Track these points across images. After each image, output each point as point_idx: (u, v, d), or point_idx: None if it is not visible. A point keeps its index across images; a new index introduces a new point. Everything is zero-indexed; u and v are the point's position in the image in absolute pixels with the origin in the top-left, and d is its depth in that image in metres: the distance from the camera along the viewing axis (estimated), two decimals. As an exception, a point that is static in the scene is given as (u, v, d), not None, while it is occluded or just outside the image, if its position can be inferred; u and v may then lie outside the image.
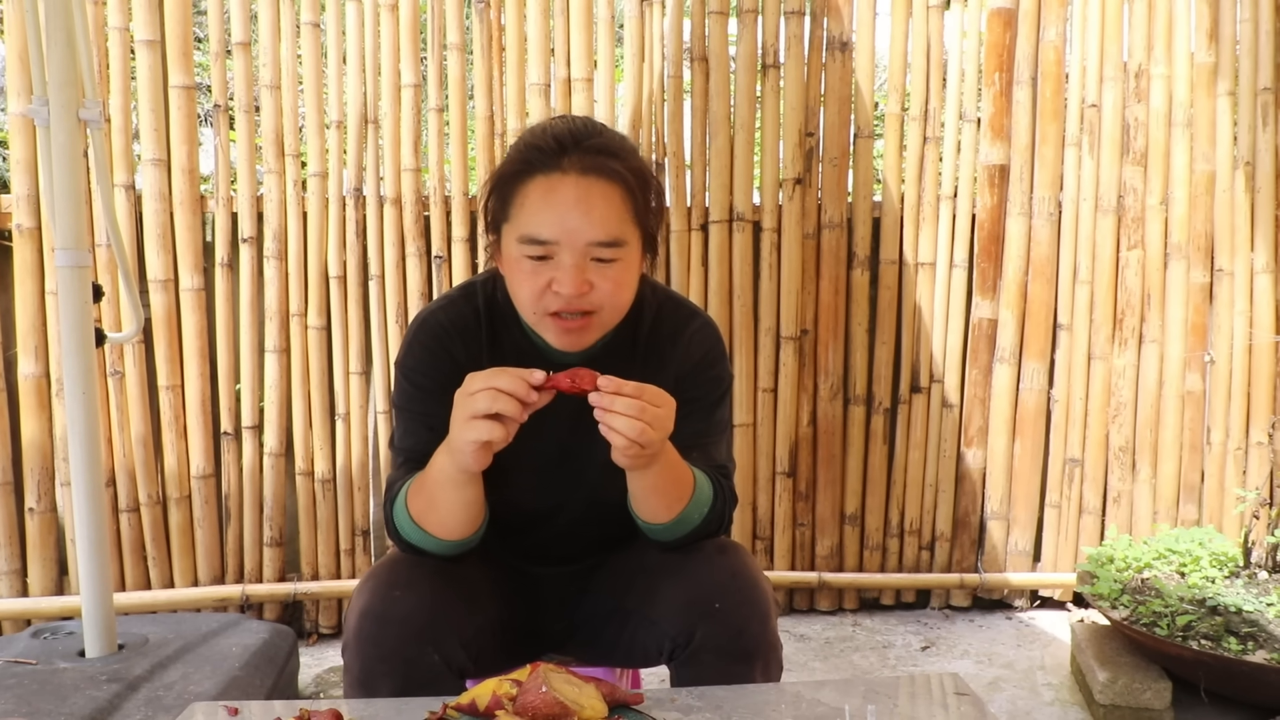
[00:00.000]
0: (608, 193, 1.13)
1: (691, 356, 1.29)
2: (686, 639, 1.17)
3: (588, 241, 1.12)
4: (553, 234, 1.12)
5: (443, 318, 1.28)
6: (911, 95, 2.63)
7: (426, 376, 1.25)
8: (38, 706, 1.64)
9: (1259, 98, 2.58)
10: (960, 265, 2.67)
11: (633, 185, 1.16)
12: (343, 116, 2.51)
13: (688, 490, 1.18)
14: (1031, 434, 2.69)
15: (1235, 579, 2.18)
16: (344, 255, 2.53)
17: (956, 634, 2.60)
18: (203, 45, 3.28)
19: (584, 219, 1.11)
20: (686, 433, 1.24)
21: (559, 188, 1.12)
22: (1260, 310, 2.61)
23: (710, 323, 1.34)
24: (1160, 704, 1.99)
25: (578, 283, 1.12)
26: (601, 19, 2.55)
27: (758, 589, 1.20)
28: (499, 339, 1.29)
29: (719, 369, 1.32)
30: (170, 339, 2.48)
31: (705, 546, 1.23)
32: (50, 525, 2.44)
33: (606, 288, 1.15)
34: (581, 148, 1.14)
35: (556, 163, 1.13)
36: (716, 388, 1.31)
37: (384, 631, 1.14)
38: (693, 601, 1.17)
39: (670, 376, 1.26)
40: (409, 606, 1.16)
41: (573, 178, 1.12)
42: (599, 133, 1.17)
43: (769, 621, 1.19)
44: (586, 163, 1.13)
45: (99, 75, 2.36)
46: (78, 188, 1.78)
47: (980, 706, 1.06)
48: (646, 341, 1.30)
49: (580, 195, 1.12)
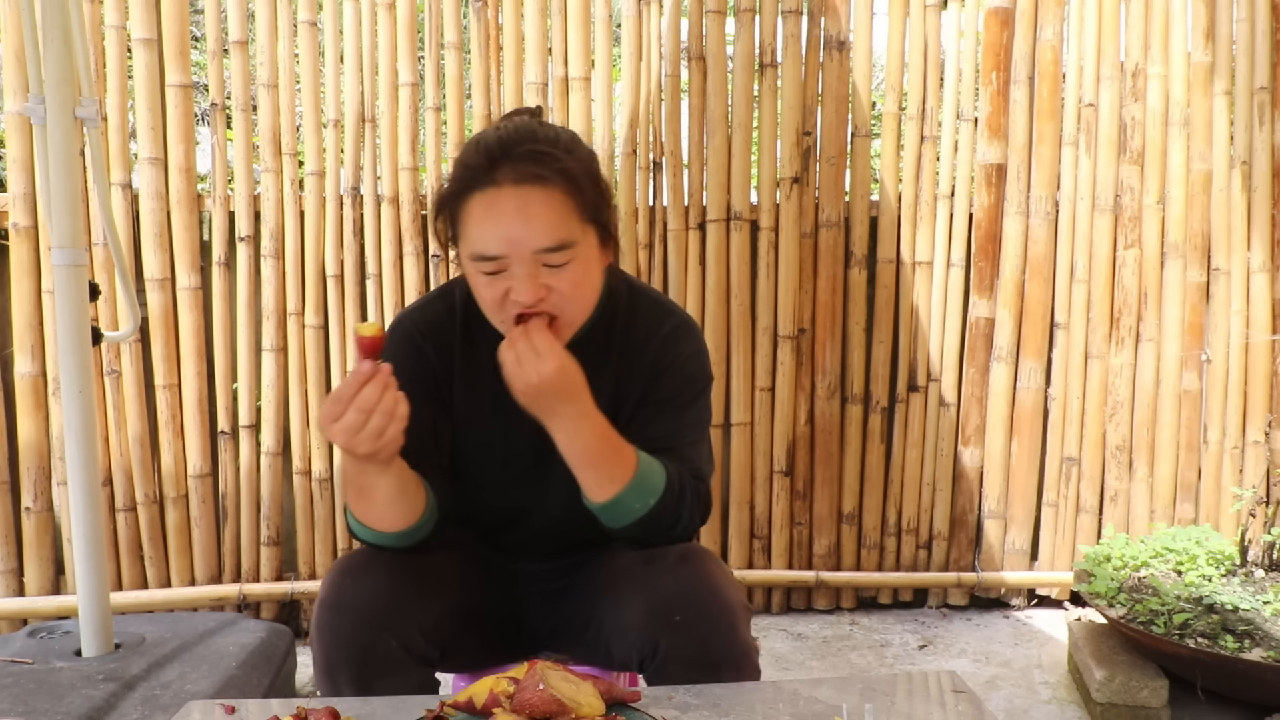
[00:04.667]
0: (546, 198, 1.12)
1: (665, 355, 1.28)
2: (652, 650, 1.16)
3: (534, 250, 1.12)
4: (498, 249, 1.12)
5: (416, 318, 1.31)
6: (909, 94, 2.64)
7: (399, 375, 1.27)
8: (34, 706, 1.64)
9: (1255, 97, 2.58)
10: (957, 264, 2.68)
11: (573, 183, 1.15)
12: (340, 115, 2.50)
13: (627, 472, 1.17)
14: (1029, 433, 2.70)
15: (1232, 577, 2.19)
16: (341, 254, 2.52)
17: (954, 633, 2.60)
18: (200, 44, 3.28)
19: (525, 229, 1.11)
20: (657, 433, 1.24)
21: (497, 202, 1.12)
22: (1257, 309, 2.62)
23: (687, 322, 1.33)
24: (1157, 702, 1.99)
25: (532, 290, 1.13)
26: (599, 18, 2.55)
27: (720, 599, 1.17)
28: (472, 336, 1.30)
29: (693, 368, 1.30)
30: (167, 338, 2.47)
31: (668, 555, 1.21)
32: (47, 524, 2.44)
33: (564, 289, 1.15)
34: (511, 157, 1.13)
35: (491, 177, 1.13)
36: (690, 387, 1.29)
37: (340, 620, 1.15)
38: (655, 614, 1.16)
39: (643, 375, 1.26)
40: (363, 594, 1.16)
41: (508, 190, 1.12)
42: (529, 138, 1.15)
43: (735, 630, 1.17)
44: (520, 171, 1.12)
45: (96, 74, 2.35)
46: (74, 186, 1.78)
47: (977, 704, 1.06)
48: (620, 339, 1.29)
49: (518, 206, 1.12)
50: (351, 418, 1.03)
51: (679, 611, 1.15)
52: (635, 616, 1.18)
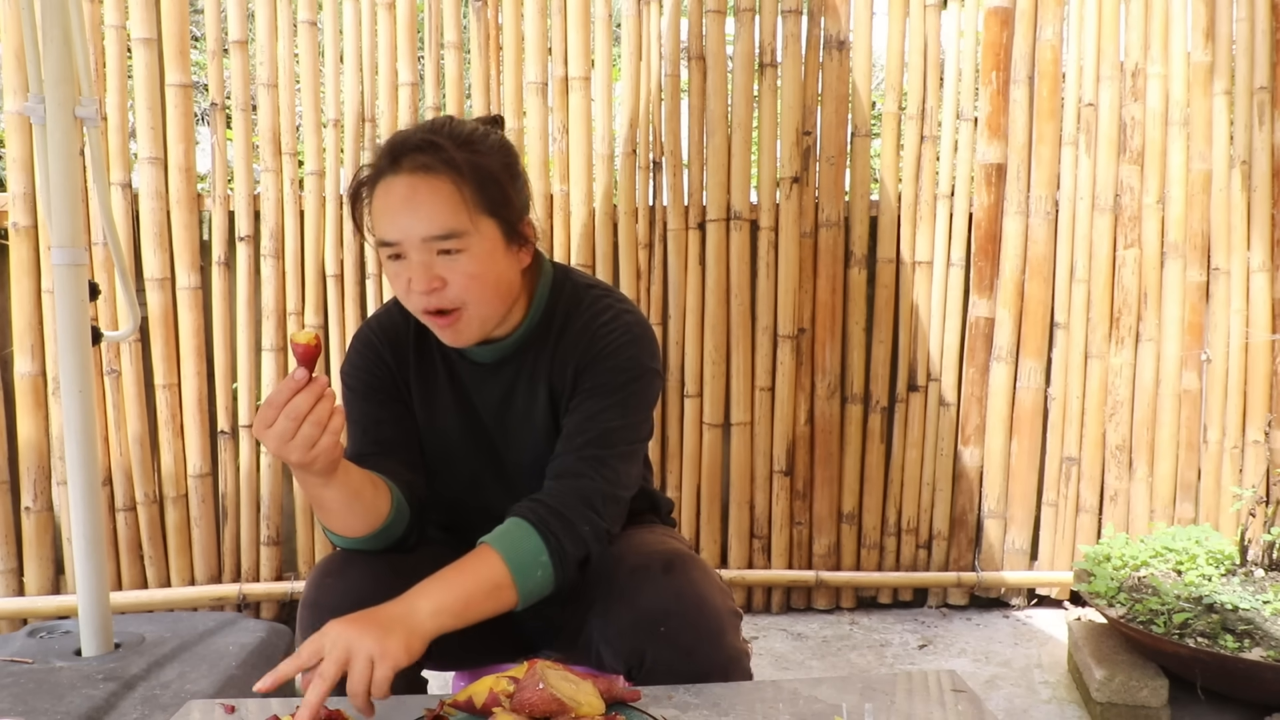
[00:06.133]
0: (435, 186, 1.15)
1: (596, 343, 1.25)
2: (639, 660, 1.15)
3: (422, 237, 1.15)
4: (392, 234, 1.16)
5: (375, 324, 1.34)
6: (909, 94, 2.64)
7: (358, 380, 1.31)
8: (34, 705, 1.64)
9: (1255, 97, 2.58)
10: (957, 264, 2.68)
11: (460, 175, 1.16)
12: (340, 115, 2.50)
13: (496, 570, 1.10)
14: (1028, 432, 2.70)
15: (1232, 577, 2.19)
16: (341, 254, 2.52)
17: (954, 632, 2.60)
18: (200, 43, 3.28)
19: (413, 216, 1.15)
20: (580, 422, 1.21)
21: (392, 189, 1.16)
22: (1256, 309, 2.62)
23: (628, 315, 1.27)
24: (1157, 701, 1.99)
25: (425, 278, 1.15)
26: (599, 18, 2.55)
27: (705, 608, 1.16)
28: (427, 344, 1.32)
29: (623, 358, 1.25)
30: (167, 338, 2.47)
31: (652, 565, 1.19)
32: (46, 524, 2.44)
33: (459, 281, 1.16)
34: (410, 147, 1.17)
35: (393, 167, 1.17)
36: (616, 376, 1.24)
37: (319, 620, 1.14)
38: (639, 624, 1.15)
39: (575, 366, 1.25)
40: (341, 593, 1.17)
41: (403, 178, 1.16)
42: (436, 131, 1.18)
43: (722, 638, 1.16)
44: (417, 161, 1.16)
45: (95, 73, 2.35)
46: (74, 186, 1.78)
47: (977, 703, 1.06)
48: (558, 333, 1.28)
49: (408, 194, 1.15)
50: (282, 425, 1.00)
51: (663, 622, 1.14)
52: (620, 626, 1.17)
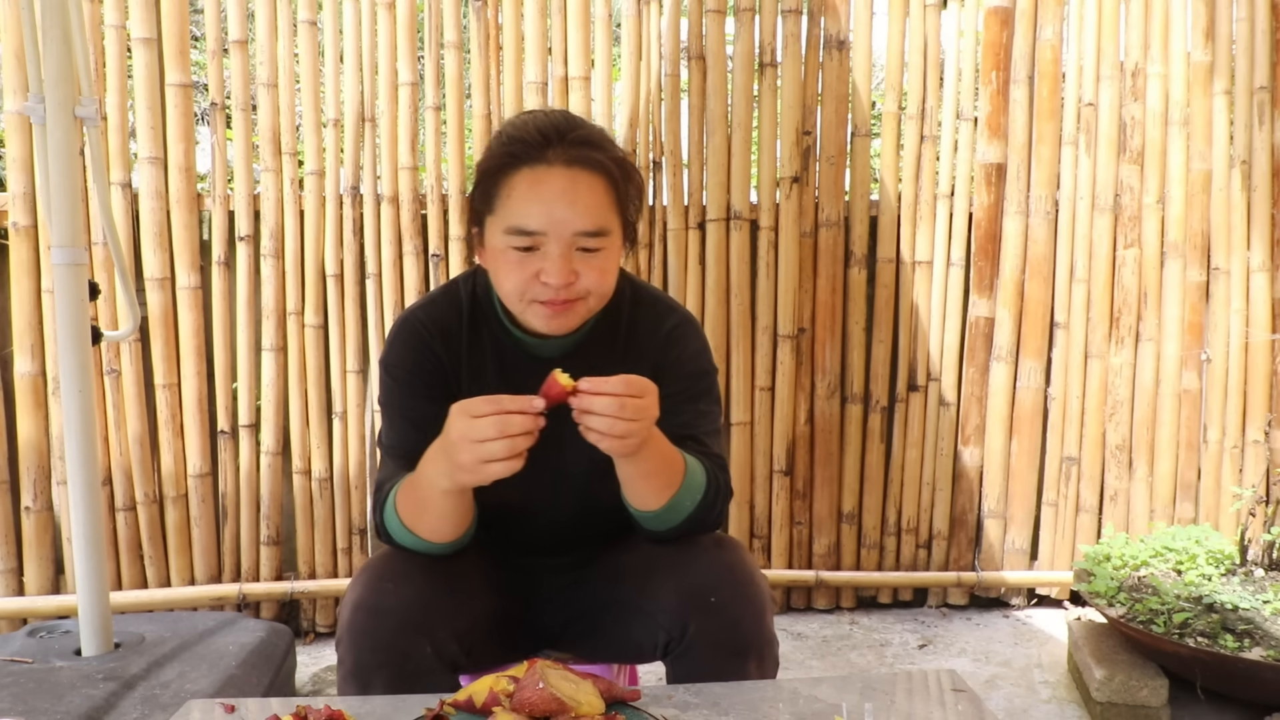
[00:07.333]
0: (593, 183, 1.15)
1: (669, 352, 1.29)
2: (681, 632, 1.17)
3: (574, 231, 1.14)
4: (540, 225, 1.14)
5: (424, 316, 1.30)
6: (909, 94, 2.64)
7: (410, 373, 1.27)
8: (34, 705, 1.64)
9: (1255, 97, 2.58)
10: (957, 264, 2.68)
11: (615, 176, 1.18)
12: (340, 115, 2.50)
13: (679, 475, 1.17)
14: (1028, 432, 2.70)
15: (1232, 576, 2.19)
16: (341, 254, 2.52)
17: (954, 632, 2.60)
18: (199, 43, 3.28)
19: (570, 209, 1.14)
20: (674, 424, 1.24)
21: (546, 179, 1.14)
22: (1256, 308, 2.62)
23: (689, 319, 1.35)
24: (1157, 701, 1.99)
25: (565, 272, 1.14)
26: (599, 17, 2.55)
27: (753, 584, 1.20)
28: (479, 336, 1.30)
29: (700, 362, 1.32)
30: (167, 337, 2.47)
31: (701, 540, 1.23)
32: (46, 524, 2.44)
33: (592, 276, 1.17)
34: (566, 140, 1.16)
35: (542, 155, 1.15)
36: (699, 381, 1.31)
37: (378, 624, 1.14)
38: (688, 595, 1.17)
39: (649, 370, 1.26)
40: (402, 599, 1.16)
41: (559, 169, 1.14)
42: (580, 125, 1.19)
43: (764, 617, 1.19)
44: (571, 154, 1.15)
45: (95, 73, 2.35)
46: (74, 186, 1.78)
47: (977, 703, 1.06)
48: (626, 335, 1.30)
49: (566, 186, 1.14)
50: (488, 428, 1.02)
51: (714, 593, 1.17)
52: (666, 598, 1.19)
